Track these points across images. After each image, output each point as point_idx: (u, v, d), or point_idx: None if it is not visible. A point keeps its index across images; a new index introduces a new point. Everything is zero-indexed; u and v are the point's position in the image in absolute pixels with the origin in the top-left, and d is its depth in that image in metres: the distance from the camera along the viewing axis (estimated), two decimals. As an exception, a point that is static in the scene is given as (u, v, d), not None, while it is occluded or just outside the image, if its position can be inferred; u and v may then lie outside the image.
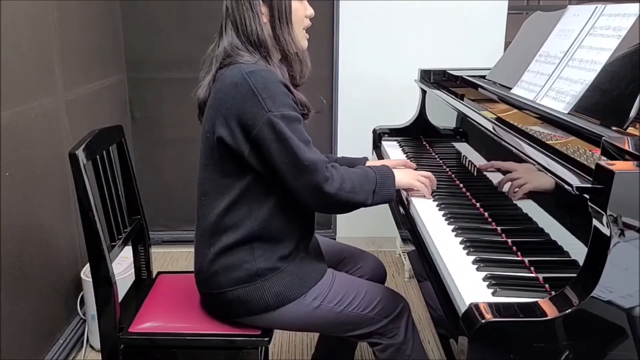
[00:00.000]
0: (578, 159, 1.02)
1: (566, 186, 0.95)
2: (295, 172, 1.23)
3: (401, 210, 1.62)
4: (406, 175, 1.47)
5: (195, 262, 1.38)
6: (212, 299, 1.38)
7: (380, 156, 2.14)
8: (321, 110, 1.44)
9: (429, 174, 1.53)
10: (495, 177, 1.39)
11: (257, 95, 1.20)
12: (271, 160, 1.23)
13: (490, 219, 1.36)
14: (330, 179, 1.25)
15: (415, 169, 1.64)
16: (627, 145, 0.95)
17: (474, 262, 1.13)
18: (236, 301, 1.32)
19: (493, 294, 1.01)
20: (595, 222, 0.89)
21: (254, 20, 1.29)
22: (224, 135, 1.24)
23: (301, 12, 1.35)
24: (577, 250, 0.99)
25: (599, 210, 0.87)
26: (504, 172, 1.33)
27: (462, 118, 1.72)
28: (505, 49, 2.40)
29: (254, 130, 1.21)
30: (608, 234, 0.86)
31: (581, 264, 0.92)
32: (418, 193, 1.49)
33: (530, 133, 1.25)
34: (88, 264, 1.44)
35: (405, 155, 2.01)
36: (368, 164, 1.67)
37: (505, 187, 1.31)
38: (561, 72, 1.41)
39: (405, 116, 2.30)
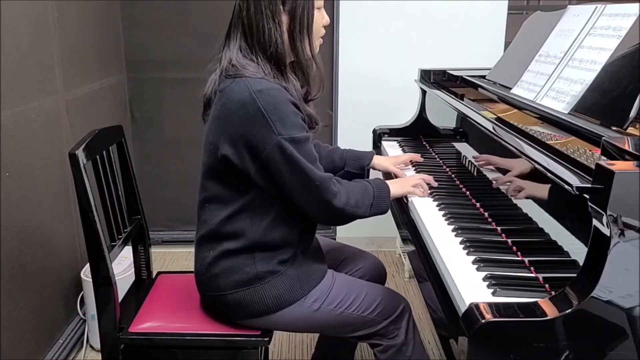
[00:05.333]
0: (578, 159, 1.02)
1: (566, 186, 0.95)
2: (305, 190, 1.24)
3: (401, 210, 1.62)
4: (399, 186, 1.49)
5: (195, 264, 1.38)
6: (211, 300, 1.38)
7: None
8: (329, 125, 1.43)
9: (422, 175, 1.56)
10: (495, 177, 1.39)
11: (266, 118, 1.17)
12: (280, 180, 1.23)
13: (490, 219, 1.36)
14: (338, 195, 1.27)
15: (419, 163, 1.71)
16: (627, 145, 0.95)
17: (474, 262, 1.13)
18: (236, 304, 1.32)
19: (493, 294, 1.01)
20: (595, 222, 0.89)
21: (275, 31, 1.22)
22: (230, 155, 1.22)
23: (320, 21, 1.31)
24: (577, 250, 0.99)
25: (599, 210, 0.87)
26: (503, 172, 1.33)
27: (462, 118, 1.72)
28: (505, 49, 2.39)
29: (264, 152, 1.20)
30: (608, 234, 0.86)
31: (581, 264, 0.91)
32: (416, 195, 1.50)
33: (530, 133, 1.25)
34: (88, 264, 1.44)
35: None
36: (375, 158, 1.71)
37: (503, 188, 1.31)
38: (561, 72, 1.41)
39: (405, 116, 2.30)
